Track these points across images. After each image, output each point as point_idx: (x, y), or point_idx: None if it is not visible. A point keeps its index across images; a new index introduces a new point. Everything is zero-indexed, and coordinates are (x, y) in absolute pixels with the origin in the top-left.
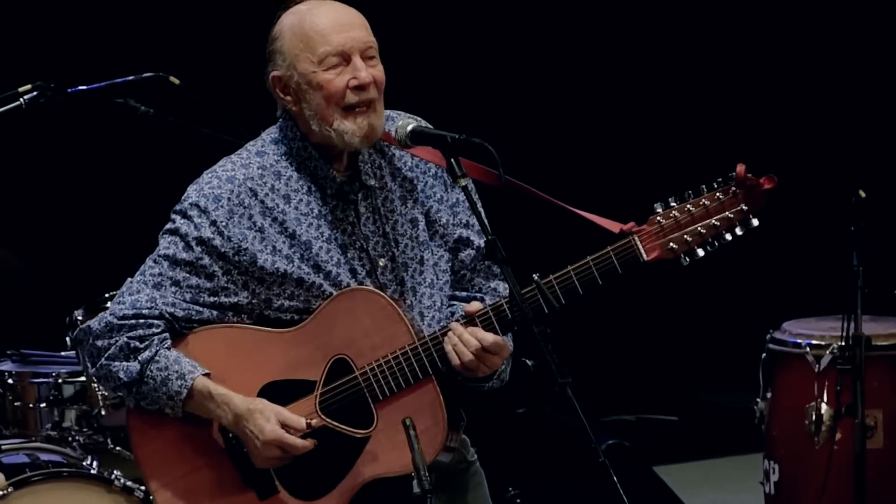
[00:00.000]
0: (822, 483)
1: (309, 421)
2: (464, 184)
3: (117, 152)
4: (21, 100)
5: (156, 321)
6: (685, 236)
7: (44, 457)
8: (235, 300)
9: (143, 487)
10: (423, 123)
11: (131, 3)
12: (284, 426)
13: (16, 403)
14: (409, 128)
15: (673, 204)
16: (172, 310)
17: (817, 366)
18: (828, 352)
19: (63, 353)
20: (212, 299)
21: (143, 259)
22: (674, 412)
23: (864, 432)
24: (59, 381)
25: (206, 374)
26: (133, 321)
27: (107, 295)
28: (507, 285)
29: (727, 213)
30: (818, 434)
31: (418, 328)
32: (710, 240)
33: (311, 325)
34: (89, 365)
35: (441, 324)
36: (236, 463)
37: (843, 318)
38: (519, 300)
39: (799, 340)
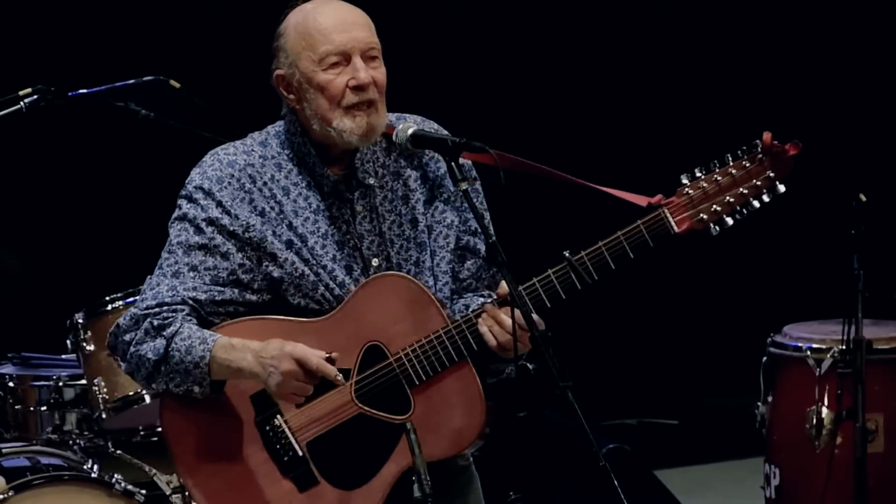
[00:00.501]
0: (822, 487)
1: (328, 354)
2: (464, 188)
3: (118, 156)
4: (21, 103)
5: (179, 306)
6: (714, 206)
7: (44, 460)
8: (252, 276)
9: (143, 491)
10: (434, 126)
11: (132, 6)
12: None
13: (16, 407)
14: (410, 131)
15: (700, 175)
16: (194, 294)
17: (818, 369)
18: (829, 355)
19: (64, 357)
20: (231, 277)
21: (143, 262)
22: (675, 416)
23: (864, 436)
24: (60, 384)
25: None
26: (157, 310)
27: (107, 298)
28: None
29: (755, 180)
30: (819, 438)
31: (448, 312)
32: (738, 208)
33: (341, 313)
34: (122, 362)
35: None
36: (273, 455)
37: (843, 322)
38: (519, 304)
39: (800, 344)
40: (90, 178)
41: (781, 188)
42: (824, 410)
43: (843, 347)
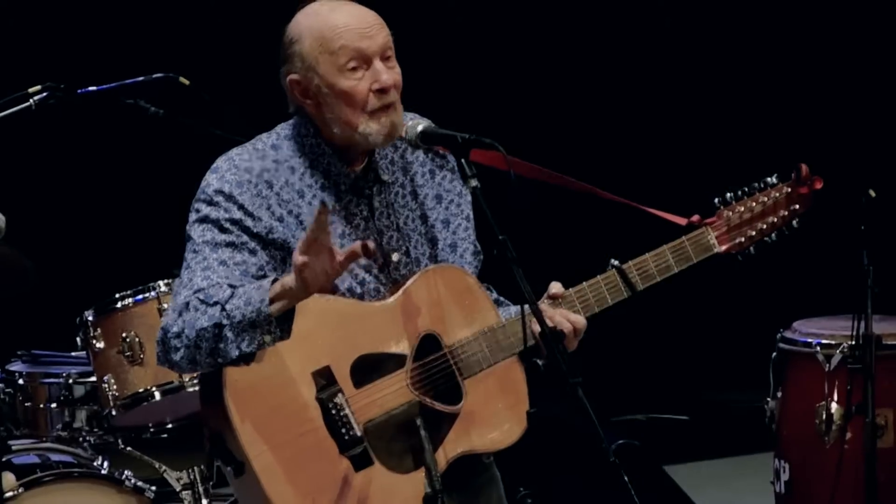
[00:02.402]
0: (832, 482)
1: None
2: (474, 185)
3: (127, 153)
4: (31, 101)
5: (218, 286)
6: (749, 231)
7: (54, 457)
8: (279, 274)
9: (153, 488)
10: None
11: (141, 4)
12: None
13: (26, 404)
14: (420, 128)
15: (732, 200)
16: (228, 282)
17: (828, 365)
18: (838, 351)
19: (74, 354)
20: (260, 273)
21: (152, 259)
22: (684, 412)
23: (874, 431)
24: (70, 381)
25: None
26: (197, 294)
27: (117, 295)
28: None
29: (782, 211)
30: (828, 433)
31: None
32: (764, 238)
33: (400, 300)
34: (178, 358)
35: None
36: (333, 433)
37: (853, 318)
38: (530, 300)
39: (809, 340)
40: (100, 176)
41: (795, 223)
42: (834, 406)
43: (853, 343)
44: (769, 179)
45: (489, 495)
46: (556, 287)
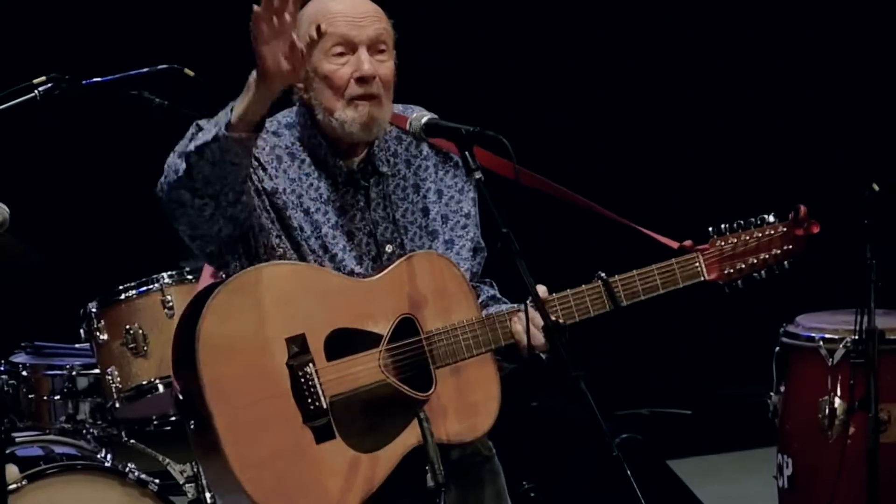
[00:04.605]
0: (835, 477)
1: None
2: (478, 177)
3: (131, 145)
4: (36, 92)
5: None
6: (739, 264)
7: (58, 449)
8: (267, 230)
9: (157, 480)
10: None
11: None
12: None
13: (30, 396)
14: (424, 120)
15: (726, 230)
16: None
17: (831, 360)
18: (841, 345)
19: (77, 346)
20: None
21: (156, 251)
22: (687, 406)
23: (877, 426)
24: (74, 373)
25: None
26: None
27: (120, 287)
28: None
29: (775, 250)
30: (832, 428)
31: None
32: (754, 273)
33: (383, 281)
34: (166, 194)
35: None
36: (299, 402)
37: (856, 312)
38: (532, 292)
39: (812, 334)
40: (104, 167)
41: (787, 265)
42: (837, 400)
43: (856, 337)
44: (767, 217)
45: (491, 487)
46: (539, 290)
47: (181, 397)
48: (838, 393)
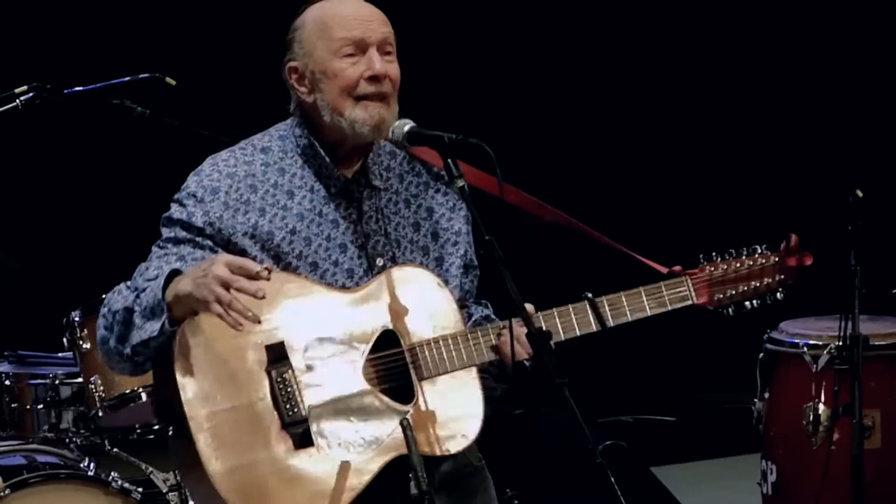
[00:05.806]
0: (819, 483)
1: (266, 267)
2: (460, 185)
3: (114, 153)
4: (17, 101)
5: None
6: (730, 290)
7: (41, 458)
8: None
9: (140, 489)
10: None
11: (128, 4)
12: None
13: (13, 405)
14: (406, 128)
15: (717, 257)
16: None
17: (815, 366)
18: (825, 352)
19: (60, 355)
20: None
21: (139, 260)
22: (671, 413)
23: (861, 432)
24: (56, 382)
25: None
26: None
27: (104, 296)
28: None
29: (767, 279)
30: (816, 434)
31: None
32: (745, 301)
33: (368, 291)
34: (98, 331)
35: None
36: (277, 408)
37: (840, 318)
38: (517, 300)
39: (796, 340)
40: (86, 176)
41: (780, 295)
42: (821, 406)
43: (840, 343)
44: (758, 247)
45: (479, 497)
46: (530, 307)
47: (160, 404)
48: (822, 399)
